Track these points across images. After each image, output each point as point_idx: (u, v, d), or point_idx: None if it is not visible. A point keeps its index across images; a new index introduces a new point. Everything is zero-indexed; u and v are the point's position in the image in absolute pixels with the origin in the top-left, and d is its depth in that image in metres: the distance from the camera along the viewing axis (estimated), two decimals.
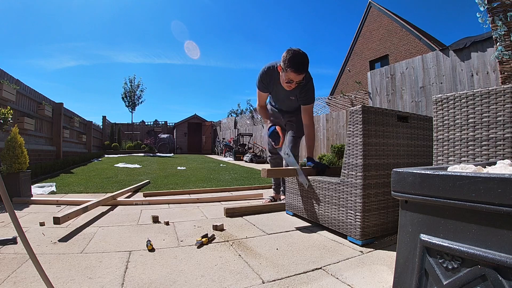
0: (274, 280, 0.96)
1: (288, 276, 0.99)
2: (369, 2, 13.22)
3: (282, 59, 1.78)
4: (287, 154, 1.92)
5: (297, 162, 1.96)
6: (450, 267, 0.49)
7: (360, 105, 1.36)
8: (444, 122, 1.16)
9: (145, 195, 2.58)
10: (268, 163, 2.61)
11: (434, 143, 1.19)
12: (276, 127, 1.94)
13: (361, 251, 1.24)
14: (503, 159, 0.77)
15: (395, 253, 0.61)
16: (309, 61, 1.77)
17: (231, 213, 1.89)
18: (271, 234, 1.50)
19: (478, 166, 0.62)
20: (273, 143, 1.99)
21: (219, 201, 2.43)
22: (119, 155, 9.29)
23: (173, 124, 17.73)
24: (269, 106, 2.31)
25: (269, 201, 2.34)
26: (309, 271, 1.04)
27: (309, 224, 1.70)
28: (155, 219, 1.72)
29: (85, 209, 1.73)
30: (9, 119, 2.93)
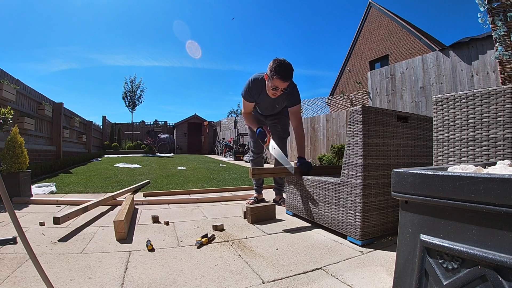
0: (274, 280, 0.96)
1: (288, 276, 0.99)
2: (369, 2, 13.22)
3: (268, 68, 1.91)
4: (274, 148, 2.01)
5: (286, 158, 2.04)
6: (450, 267, 0.49)
7: (360, 105, 1.36)
8: (444, 123, 1.16)
9: (145, 195, 2.58)
10: (268, 163, 2.66)
11: (434, 143, 1.19)
12: (263, 127, 2.08)
13: (361, 251, 1.24)
14: (503, 160, 0.77)
15: (395, 253, 0.61)
16: (293, 70, 1.91)
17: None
18: (271, 234, 1.50)
19: (478, 167, 0.62)
20: (261, 141, 2.11)
21: (219, 201, 2.43)
22: (119, 155, 9.29)
23: (173, 124, 17.73)
24: (253, 112, 2.39)
25: (252, 202, 2.31)
26: (309, 271, 1.04)
27: (309, 224, 1.70)
28: (155, 219, 1.72)
29: (85, 209, 1.73)
30: (9, 119, 2.93)
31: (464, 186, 0.47)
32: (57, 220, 1.43)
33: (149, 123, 17.50)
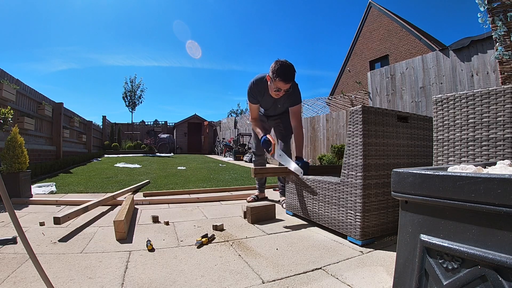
0: (274, 280, 0.96)
1: (288, 276, 0.99)
2: (369, 2, 13.22)
3: (270, 70, 1.94)
4: (280, 155, 2.02)
5: (290, 157, 2.06)
6: (450, 267, 0.49)
7: (360, 105, 1.36)
8: (444, 123, 1.16)
9: (145, 195, 2.58)
10: (269, 163, 2.75)
11: (434, 143, 1.19)
12: (267, 136, 2.06)
13: (361, 251, 1.24)
14: (503, 160, 0.77)
15: (395, 253, 0.61)
16: (295, 71, 1.94)
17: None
18: (271, 234, 1.50)
19: (478, 167, 0.62)
20: (266, 151, 2.10)
21: (219, 201, 2.43)
22: (119, 155, 9.29)
23: (173, 124, 17.72)
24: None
25: (252, 199, 2.44)
26: (309, 271, 1.04)
27: (309, 224, 1.70)
28: (155, 219, 1.72)
29: (85, 209, 1.73)
30: (9, 119, 2.93)
31: (464, 186, 0.47)
32: (57, 220, 1.43)
33: (149, 123, 17.49)
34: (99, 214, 1.89)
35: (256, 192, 2.61)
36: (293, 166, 1.86)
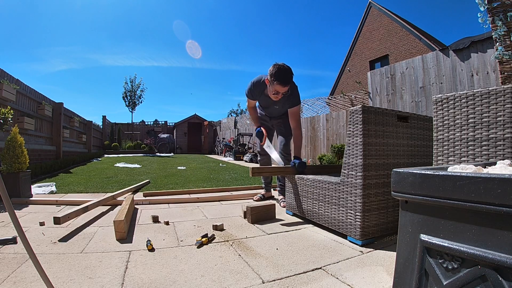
0: (274, 280, 0.96)
1: (288, 276, 0.99)
2: (369, 2, 13.22)
3: (268, 73, 2.00)
4: (268, 146, 2.16)
5: (289, 160, 2.16)
6: (450, 267, 0.49)
7: (360, 105, 1.36)
8: (444, 122, 1.16)
9: (145, 195, 2.58)
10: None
11: (434, 143, 1.19)
12: (261, 127, 2.26)
13: (361, 251, 1.24)
14: (503, 159, 0.77)
15: (395, 253, 0.61)
16: (293, 74, 2.00)
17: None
18: (271, 234, 1.50)
19: (478, 166, 0.62)
20: (258, 140, 2.26)
21: (219, 201, 2.43)
22: (119, 155, 9.29)
23: (173, 124, 17.72)
24: (258, 110, 2.54)
25: (259, 198, 2.48)
26: (309, 271, 1.04)
27: (309, 224, 1.70)
28: (155, 219, 1.72)
29: (85, 209, 1.73)
30: (9, 119, 2.94)
31: (464, 186, 0.47)
32: (57, 220, 1.43)
33: (149, 123, 17.49)
34: (99, 214, 1.89)
35: (262, 191, 2.64)
36: (274, 156, 2.00)
